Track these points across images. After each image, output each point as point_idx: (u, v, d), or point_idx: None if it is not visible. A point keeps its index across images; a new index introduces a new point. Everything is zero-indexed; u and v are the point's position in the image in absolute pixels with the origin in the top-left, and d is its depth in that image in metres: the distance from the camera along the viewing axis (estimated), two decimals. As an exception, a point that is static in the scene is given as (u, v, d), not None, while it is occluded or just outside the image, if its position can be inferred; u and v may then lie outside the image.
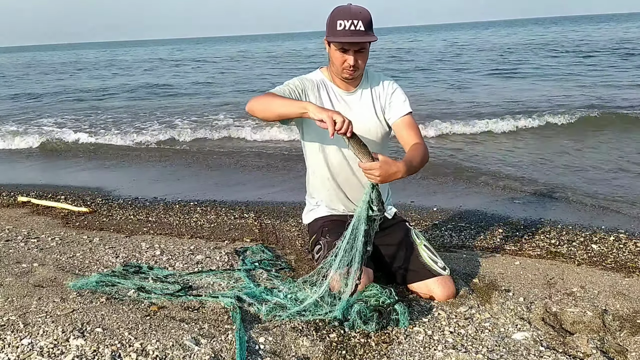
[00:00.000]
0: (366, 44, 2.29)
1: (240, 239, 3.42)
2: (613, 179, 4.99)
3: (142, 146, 7.68)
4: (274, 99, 2.23)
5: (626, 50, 19.53)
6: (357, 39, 2.22)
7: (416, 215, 4.02)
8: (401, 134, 2.42)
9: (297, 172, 5.40)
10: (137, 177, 5.79)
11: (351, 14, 2.22)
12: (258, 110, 2.25)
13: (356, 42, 2.24)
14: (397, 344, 1.95)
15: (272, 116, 2.24)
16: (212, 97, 13.27)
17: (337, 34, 2.23)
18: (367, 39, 2.24)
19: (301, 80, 2.43)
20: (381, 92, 2.47)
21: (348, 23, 2.20)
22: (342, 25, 2.21)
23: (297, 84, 2.39)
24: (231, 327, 2.01)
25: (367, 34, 2.23)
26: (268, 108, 2.22)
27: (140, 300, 2.23)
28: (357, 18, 2.21)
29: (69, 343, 1.84)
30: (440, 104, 10.34)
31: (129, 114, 10.63)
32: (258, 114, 2.26)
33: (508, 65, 17.53)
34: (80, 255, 2.94)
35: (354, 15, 2.21)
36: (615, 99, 9.65)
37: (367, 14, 2.24)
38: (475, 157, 6.20)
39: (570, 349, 1.95)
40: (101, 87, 16.79)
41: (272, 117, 2.24)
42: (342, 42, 2.24)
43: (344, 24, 2.21)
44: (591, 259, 3.07)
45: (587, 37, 29.63)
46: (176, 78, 19.05)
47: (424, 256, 2.39)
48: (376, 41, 2.30)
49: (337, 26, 2.22)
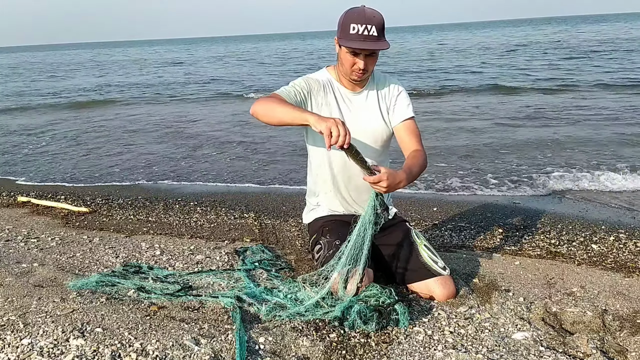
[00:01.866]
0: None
1: (240, 239, 3.42)
2: (612, 178, 4.99)
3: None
4: (277, 105, 2.15)
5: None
6: (370, 45, 2.19)
7: (416, 215, 4.02)
8: (402, 139, 2.41)
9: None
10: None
11: (365, 18, 2.19)
12: (261, 114, 2.19)
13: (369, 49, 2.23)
14: (397, 344, 1.95)
15: (275, 122, 2.18)
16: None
17: (350, 37, 2.20)
18: (380, 46, 2.21)
19: (307, 80, 2.40)
20: (387, 93, 2.47)
21: (362, 28, 2.18)
22: (355, 29, 2.18)
23: (303, 85, 2.37)
24: (231, 327, 2.01)
25: (380, 40, 2.21)
26: (271, 114, 2.17)
27: (140, 300, 2.23)
28: (371, 23, 2.18)
29: (69, 343, 1.84)
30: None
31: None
32: (262, 118, 2.20)
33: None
34: (80, 255, 2.94)
35: (368, 19, 2.18)
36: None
37: (381, 19, 2.22)
38: (475, 154, 6.20)
39: (570, 349, 1.95)
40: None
41: (275, 123, 2.19)
42: (355, 48, 2.22)
43: (358, 28, 2.18)
44: (591, 259, 3.07)
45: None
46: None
47: (424, 256, 2.39)
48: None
49: (351, 29, 2.19)
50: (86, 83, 19.27)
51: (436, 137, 7.30)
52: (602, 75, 13.40)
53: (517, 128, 7.76)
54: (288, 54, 34.20)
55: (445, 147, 6.65)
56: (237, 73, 21.07)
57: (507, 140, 6.98)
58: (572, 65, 16.44)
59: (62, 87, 18.16)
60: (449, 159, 6.03)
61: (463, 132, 7.68)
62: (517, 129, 7.66)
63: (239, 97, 13.60)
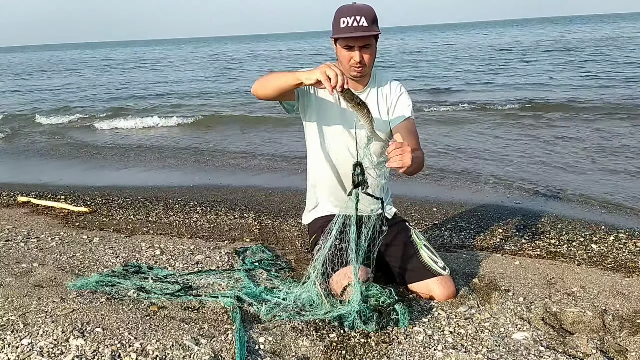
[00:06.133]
0: (371, 39, 2.28)
1: (240, 239, 3.42)
2: (612, 179, 4.99)
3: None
4: (271, 76, 2.25)
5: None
6: (359, 33, 2.22)
7: (416, 215, 4.02)
8: (400, 138, 2.41)
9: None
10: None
11: (354, 10, 2.23)
12: (259, 88, 2.28)
13: (360, 37, 2.24)
14: (397, 344, 1.95)
15: (271, 92, 2.25)
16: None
17: (341, 31, 2.24)
18: (369, 32, 2.24)
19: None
20: (388, 93, 2.47)
21: (351, 20, 2.21)
22: (345, 22, 2.23)
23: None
24: (231, 327, 2.01)
25: (370, 29, 2.23)
26: (267, 84, 2.25)
27: (140, 300, 2.23)
28: (359, 14, 2.22)
29: (69, 343, 1.84)
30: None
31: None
32: (259, 92, 2.28)
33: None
34: (80, 255, 2.94)
35: (357, 11, 2.23)
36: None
37: (371, 10, 2.25)
38: (475, 156, 6.20)
39: (570, 349, 1.95)
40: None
41: (271, 92, 2.25)
42: (345, 37, 2.24)
43: (347, 20, 2.22)
44: (591, 259, 3.07)
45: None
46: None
47: (424, 256, 2.39)
48: (379, 34, 2.30)
49: (341, 24, 2.24)
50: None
51: (439, 138, 7.31)
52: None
53: (517, 127, 7.77)
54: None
55: (447, 147, 6.66)
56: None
57: (508, 139, 6.99)
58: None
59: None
60: (449, 159, 6.03)
61: (464, 132, 7.69)
62: (517, 129, 7.67)
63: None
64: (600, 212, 4.05)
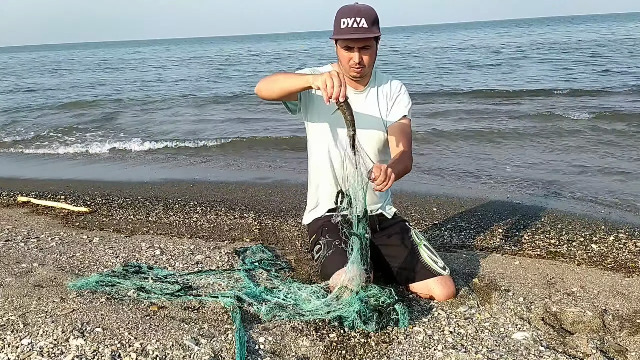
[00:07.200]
0: (371, 41, 2.28)
1: (240, 239, 3.42)
2: (612, 179, 4.99)
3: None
4: (278, 76, 2.25)
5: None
6: (359, 35, 2.22)
7: (416, 215, 4.02)
8: (392, 137, 2.40)
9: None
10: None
11: (354, 11, 2.23)
12: (264, 89, 2.28)
13: (360, 39, 2.24)
14: (397, 344, 1.95)
15: (277, 93, 2.25)
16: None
17: (341, 32, 2.24)
18: (368, 34, 2.23)
19: (313, 70, 2.41)
20: (388, 92, 2.48)
21: (351, 21, 2.21)
22: (345, 23, 2.23)
23: (309, 73, 2.39)
24: (231, 327, 2.01)
25: (370, 30, 2.23)
26: (273, 85, 2.24)
27: (140, 300, 2.23)
28: (360, 15, 2.21)
29: (69, 343, 1.84)
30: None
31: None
32: (264, 92, 2.28)
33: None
34: (80, 255, 2.94)
35: (357, 12, 2.22)
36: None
37: (371, 11, 2.25)
38: (476, 156, 6.20)
39: (570, 349, 1.95)
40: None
41: (277, 93, 2.25)
42: (345, 38, 2.24)
43: (347, 21, 2.22)
44: (591, 259, 3.07)
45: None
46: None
47: (424, 256, 2.38)
48: (379, 36, 2.30)
49: (341, 24, 2.24)
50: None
51: (440, 139, 7.31)
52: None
53: (518, 128, 7.77)
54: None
55: (448, 148, 6.65)
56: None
57: (509, 140, 6.99)
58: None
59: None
60: (449, 159, 6.03)
61: (465, 133, 7.68)
62: (518, 129, 7.67)
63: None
64: (600, 212, 4.05)
